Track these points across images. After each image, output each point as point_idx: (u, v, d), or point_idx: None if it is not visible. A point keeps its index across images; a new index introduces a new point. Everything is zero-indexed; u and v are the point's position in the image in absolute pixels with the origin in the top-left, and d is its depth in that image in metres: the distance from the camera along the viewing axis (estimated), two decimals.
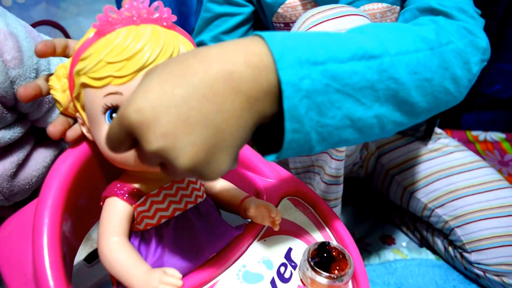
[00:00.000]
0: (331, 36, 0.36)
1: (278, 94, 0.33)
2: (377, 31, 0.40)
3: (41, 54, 0.44)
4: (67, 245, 0.44)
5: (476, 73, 0.48)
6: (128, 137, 0.31)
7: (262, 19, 0.83)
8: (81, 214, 0.47)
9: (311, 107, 0.33)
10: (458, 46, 0.45)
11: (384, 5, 0.71)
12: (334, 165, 0.67)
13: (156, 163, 0.33)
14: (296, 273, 0.47)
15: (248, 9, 0.81)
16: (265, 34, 0.33)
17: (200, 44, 0.83)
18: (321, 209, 0.53)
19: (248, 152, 0.56)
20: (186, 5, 1.25)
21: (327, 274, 0.44)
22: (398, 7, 0.72)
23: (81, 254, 0.72)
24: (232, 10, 0.80)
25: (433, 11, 0.53)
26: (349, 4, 0.70)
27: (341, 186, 0.71)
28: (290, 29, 0.73)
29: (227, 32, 0.82)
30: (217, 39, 0.82)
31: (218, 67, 0.30)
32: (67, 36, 1.35)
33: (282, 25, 0.80)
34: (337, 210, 0.82)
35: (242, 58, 0.31)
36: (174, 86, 0.30)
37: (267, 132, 0.39)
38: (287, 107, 0.32)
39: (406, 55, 0.39)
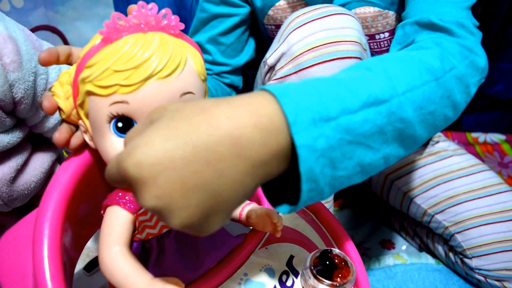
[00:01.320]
0: (341, 82, 0.36)
1: (289, 155, 0.32)
2: (384, 66, 0.40)
3: (45, 63, 0.44)
4: (67, 256, 0.44)
5: (473, 94, 0.49)
6: (125, 182, 0.30)
7: (258, 20, 0.83)
8: (81, 224, 0.47)
9: (326, 164, 0.32)
10: (460, 71, 0.46)
11: (376, 9, 0.71)
12: None
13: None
14: (298, 281, 0.47)
15: (245, 9, 0.81)
16: (275, 90, 0.32)
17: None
18: (323, 216, 0.54)
19: None
20: (186, 8, 1.25)
21: (329, 282, 0.44)
22: (390, 12, 0.72)
23: (78, 263, 0.72)
24: (228, 11, 0.80)
25: (433, 27, 0.53)
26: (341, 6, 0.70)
27: None
28: None
29: (224, 34, 0.82)
30: (213, 40, 0.82)
31: (225, 131, 0.29)
32: (65, 41, 1.35)
33: (273, 27, 0.80)
34: (330, 205, 0.82)
35: (252, 122, 0.30)
36: (177, 147, 0.29)
37: (275, 182, 0.38)
38: (304, 170, 0.31)
39: (413, 91, 0.39)
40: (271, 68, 0.66)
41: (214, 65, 0.84)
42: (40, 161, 0.66)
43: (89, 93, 0.39)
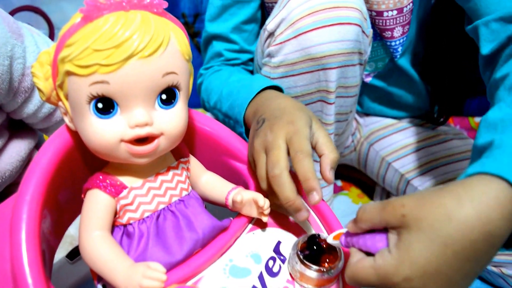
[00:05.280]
0: None
1: None
2: None
3: None
4: (46, 243, 0.44)
5: None
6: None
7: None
8: (61, 210, 0.47)
9: None
10: None
11: None
12: None
13: None
14: (285, 267, 0.47)
15: None
16: (506, 173, 0.34)
17: (218, 37, 0.82)
18: None
19: (237, 142, 0.56)
20: None
21: (317, 268, 0.45)
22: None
23: (60, 251, 0.73)
24: None
25: None
26: None
27: None
28: None
29: (248, 22, 0.81)
30: (238, 29, 0.81)
31: (478, 231, 0.33)
32: (49, 22, 1.34)
33: (273, 4, 0.79)
34: (329, 190, 0.82)
35: (499, 215, 0.33)
36: (438, 256, 0.33)
37: None
38: None
39: None
40: (271, 34, 0.67)
41: (242, 53, 0.83)
42: (17, 149, 0.66)
43: (69, 73, 0.39)
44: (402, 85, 0.89)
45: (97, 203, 0.42)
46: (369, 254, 0.38)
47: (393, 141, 0.93)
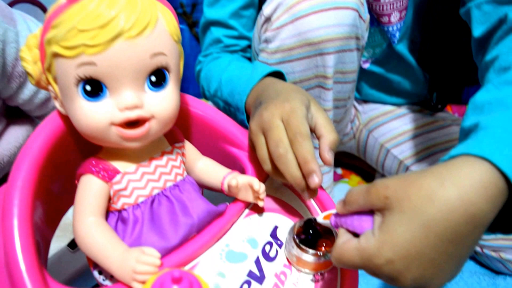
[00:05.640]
0: None
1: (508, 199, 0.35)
2: None
3: None
4: (40, 232, 0.43)
5: None
6: (376, 275, 0.35)
7: None
8: (55, 198, 0.47)
9: None
10: None
11: None
12: None
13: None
14: (281, 252, 0.47)
15: None
16: (490, 155, 0.33)
17: (217, 23, 0.81)
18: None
19: (232, 127, 0.56)
20: None
21: (313, 252, 0.44)
22: None
23: (62, 240, 0.73)
24: None
25: None
26: None
27: None
28: None
29: (246, 7, 0.80)
30: (237, 15, 0.80)
31: (460, 213, 0.32)
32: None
33: None
34: (329, 177, 0.82)
35: (482, 197, 0.33)
36: (420, 238, 0.33)
37: None
38: None
39: None
40: (268, 19, 0.66)
41: (241, 39, 0.82)
42: (15, 136, 0.66)
43: (55, 55, 0.38)
44: (400, 71, 0.88)
45: (90, 188, 0.42)
46: (356, 235, 0.38)
47: (392, 127, 0.93)
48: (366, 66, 0.87)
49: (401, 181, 0.35)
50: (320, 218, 0.44)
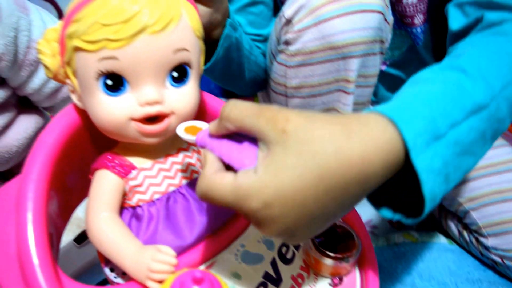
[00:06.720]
0: (445, 93, 0.37)
1: (403, 172, 0.34)
2: (477, 63, 0.41)
3: None
4: (53, 225, 0.43)
5: None
6: (245, 215, 0.32)
7: None
8: (68, 191, 0.47)
9: (442, 181, 0.34)
10: None
11: None
12: None
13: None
14: (299, 254, 0.46)
15: None
16: (395, 116, 0.32)
17: None
18: None
19: None
20: None
21: (333, 255, 0.43)
22: None
23: (68, 234, 0.72)
24: None
25: (495, 5, 0.52)
26: None
27: None
28: None
29: (253, 4, 0.79)
30: (242, 10, 0.79)
31: (357, 172, 0.31)
32: (58, 10, 1.33)
33: None
34: None
35: (380, 161, 0.31)
36: (309, 187, 0.30)
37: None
38: (428, 193, 0.33)
39: (507, 87, 0.40)
40: (288, 21, 0.65)
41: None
42: (24, 126, 0.66)
43: (77, 49, 0.38)
44: None
45: (105, 184, 0.41)
46: (229, 167, 0.34)
47: None
48: (383, 68, 0.86)
49: (306, 119, 0.31)
50: (180, 129, 0.39)
